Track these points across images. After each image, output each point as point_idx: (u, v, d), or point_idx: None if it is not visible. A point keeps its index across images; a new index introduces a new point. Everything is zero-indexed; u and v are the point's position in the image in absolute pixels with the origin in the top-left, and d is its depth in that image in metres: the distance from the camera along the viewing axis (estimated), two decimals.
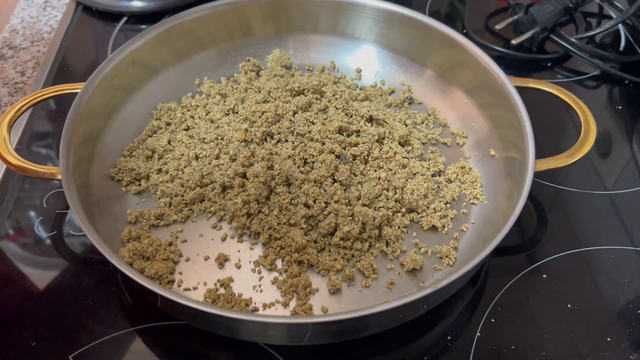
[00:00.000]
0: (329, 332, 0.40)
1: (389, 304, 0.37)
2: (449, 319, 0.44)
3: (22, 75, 0.63)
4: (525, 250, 0.48)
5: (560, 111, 0.58)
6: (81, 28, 0.69)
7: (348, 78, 0.59)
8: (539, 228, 0.50)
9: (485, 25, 0.69)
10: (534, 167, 0.44)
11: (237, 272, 0.44)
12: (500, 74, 0.50)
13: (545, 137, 0.49)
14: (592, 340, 0.43)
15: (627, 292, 0.46)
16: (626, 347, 0.42)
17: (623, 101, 0.61)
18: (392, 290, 0.44)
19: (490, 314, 0.44)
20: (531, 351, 0.42)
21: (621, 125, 0.59)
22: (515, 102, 0.48)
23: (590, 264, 0.47)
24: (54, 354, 0.41)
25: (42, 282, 0.45)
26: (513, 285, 0.46)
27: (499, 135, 0.51)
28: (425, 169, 0.50)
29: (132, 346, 0.42)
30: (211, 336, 0.41)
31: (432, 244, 0.46)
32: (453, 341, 0.42)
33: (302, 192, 0.46)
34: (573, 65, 0.64)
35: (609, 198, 0.52)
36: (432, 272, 0.45)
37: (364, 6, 0.57)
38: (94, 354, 0.41)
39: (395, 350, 0.42)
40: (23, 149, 0.55)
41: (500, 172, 0.50)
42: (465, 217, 0.48)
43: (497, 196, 0.48)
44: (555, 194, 0.52)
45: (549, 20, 0.63)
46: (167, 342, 0.42)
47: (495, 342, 0.42)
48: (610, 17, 0.68)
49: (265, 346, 0.42)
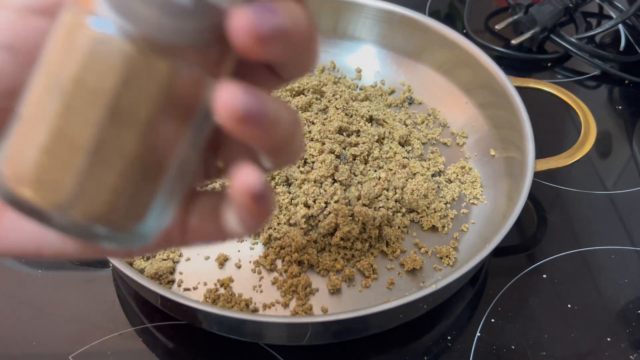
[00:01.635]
0: (329, 332, 0.40)
1: (388, 304, 0.37)
2: (449, 319, 0.44)
3: None
4: (525, 250, 0.48)
5: (560, 111, 0.58)
6: None
7: (348, 78, 0.59)
8: (538, 228, 0.50)
9: (485, 25, 0.69)
10: (534, 167, 0.44)
11: (237, 272, 0.44)
12: (500, 74, 0.50)
13: (545, 137, 0.49)
14: (592, 340, 0.43)
15: (627, 292, 0.46)
16: (626, 347, 0.42)
17: (623, 101, 0.61)
18: (392, 290, 0.44)
19: (490, 314, 0.44)
20: (531, 351, 0.42)
21: (621, 125, 0.59)
22: (515, 102, 0.48)
23: (590, 264, 0.47)
24: (53, 354, 0.41)
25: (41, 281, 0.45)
26: (513, 285, 0.46)
27: (499, 135, 0.51)
28: (425, 169, 0.50)
29: (132, 346, 0.42)
30: (211, 336, 0.41)
31: (432, 244, 0.46)
32: (453, 341, 0.42)
33: (302, 192, 0.46)
34: (573, 65, 0.64)
35: (609, 198, 0.52)
36: (432, 272, 0.45)
37: (364, 6, 0.57)
38: (94, 354, 0.41)
39: (395, 350, 0.42)
40: None
41: (500, 172, 0.50)
42: (465, 217, 0.48)
43: (497, 196, 0.48)
44: (555, 194, 0.52)
45: (549, 20, 0.63)
46: (167, 342, 0.42)
47: (495, 342, 0.42)
48: (610, 17, 0.68)
49: (265, 346, 0.42)
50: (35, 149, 0.18)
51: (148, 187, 0.19)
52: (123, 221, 0.19)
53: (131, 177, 0.18)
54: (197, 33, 0.18)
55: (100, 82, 0.17)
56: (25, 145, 0.18)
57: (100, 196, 0.18)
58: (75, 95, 0.17)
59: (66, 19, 0.18)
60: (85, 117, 0.17)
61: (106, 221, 0.18)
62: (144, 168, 0.18)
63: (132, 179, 0.18)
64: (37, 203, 0.18)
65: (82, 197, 0.18)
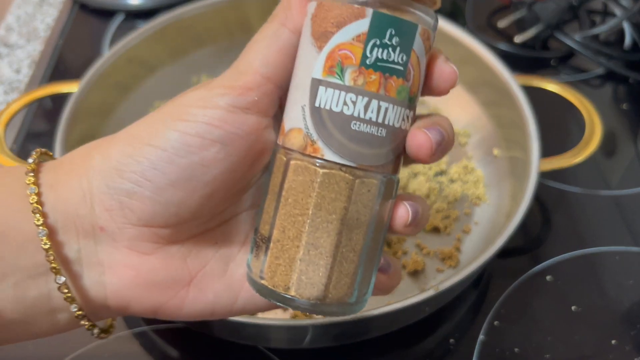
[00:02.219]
0: (329, 335, 0.40)
1: (390, 307, 0.37)
2: (451, 322, 0.43)
3: (18, 74, 0.63)
4: (528, 251, 0.48)
5: (564, 110, 0.58)
6: (77, 26, 0.68)
7: None
8: (542, 229, 0.49)
9: (488, 22, 0.68)
10: (538, 167, 0.44)
11: None
12: (503, 72, 0.50)
13: (549, 136, 0.49)
14: (597, 342, 0.42)
15: (632, 294, 0.45)
16: (631, 349, 0.42)
17: (628, 100, 0.61)
18: (393, 292, 0.43)
19: (493, 317, 0.43)
20: (535, 354, 0.41)
21: (626, 124, 0.58)
22: (519, 100, 0.48)
23: (594, 266, 0.47)
24: (49, 356, 0.41)
25: None
26: (516, 287, 0.45)
27: (503, 134, 0.51)
28: (428, 168, 0.50)
29: (129, 349, 0.42)
30: (210, 339, 0.41)
31: (435, 245, 0.46)
32: (456, 344, 0.42)
33: None
34: (577, 64, 0.64)
35: (613, 198, 0.52)
36: (435, 274, 0.44)
37: None
38: (90, 357, 0.41)
39: (397, 353, 0.42)
40: (18, 148, 0.55)
41: (503, 171, 0.49)
42: (468, 218, 0.48)
43: (500, 196, 0.48)
44: (559, 194, 0.52)
45: (552, 17, 0.63)
46: (164, 346, 0.42)
47: (499, 345, 0.42)
48: (614, 14, 0.67)
49: (265, 349, 0.41)
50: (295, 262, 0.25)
51: (370, 270, 0.26)
52: (358, 298, 0.26)
53: (361, 265, 0.26)
54: (389, 153, 0.25)
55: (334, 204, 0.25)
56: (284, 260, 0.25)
57: (345, 284, 0.25)
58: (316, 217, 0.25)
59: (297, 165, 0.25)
60: (327, 231, 0.25)
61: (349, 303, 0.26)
62: (367, 258, 0.26)
63: (361, 266, 0.26)
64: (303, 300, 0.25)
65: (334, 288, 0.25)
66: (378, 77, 0.24)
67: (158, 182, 0.25)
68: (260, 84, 0.25)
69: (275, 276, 0.25)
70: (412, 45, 0.24)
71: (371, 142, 0.24)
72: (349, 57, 0.24)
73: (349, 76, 0.24)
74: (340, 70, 0.24)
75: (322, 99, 0.24)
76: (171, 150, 0.25)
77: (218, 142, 0.25)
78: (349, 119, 0.24)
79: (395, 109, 0.24)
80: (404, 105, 0.25)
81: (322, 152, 0.24)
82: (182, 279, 0.27)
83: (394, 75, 0.24)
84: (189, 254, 0.27)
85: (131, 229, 0.26)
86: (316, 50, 0.24)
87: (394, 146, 0.25)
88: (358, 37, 0.24)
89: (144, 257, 0.26)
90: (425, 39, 0.25)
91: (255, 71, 0.25)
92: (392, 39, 0.24)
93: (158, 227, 0.26)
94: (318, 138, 0.24)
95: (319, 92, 0.24)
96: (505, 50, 0.64)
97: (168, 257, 0.27)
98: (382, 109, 0.24)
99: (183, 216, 0.26)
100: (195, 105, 0.25)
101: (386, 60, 0.24)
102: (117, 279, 0.26)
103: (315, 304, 0.25)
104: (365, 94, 0.24)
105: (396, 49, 0.24)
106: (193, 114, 0.25)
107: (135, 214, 0.25)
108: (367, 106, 0.24)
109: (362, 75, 0.24)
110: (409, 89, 0.25)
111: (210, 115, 0.25)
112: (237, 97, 0.25)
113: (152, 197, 0.25)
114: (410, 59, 0.24)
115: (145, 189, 0.25)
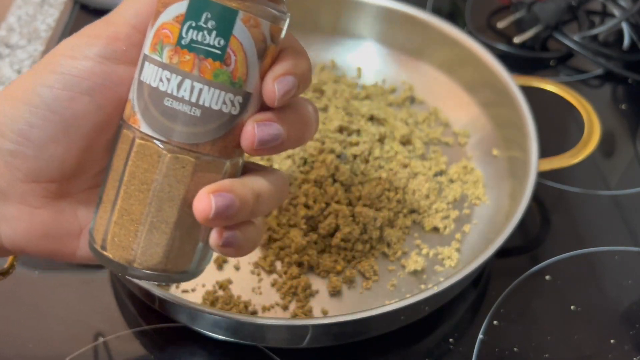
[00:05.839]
0: (329, 334, 0.40)
1: (390, 306, 0.37)
2: (451, 321, 0.43)
3: (19, 74, 0.63)
4: (528, 251, 0.48)
5: (563, 110, 0.58)
6: (78, 26, 0.67)
7: (348, 77, 0.58)
8: (542, 229, 0.49)
9: (488, 23, 0.69)
10: (537, 167, 0.44)
11: (236, 274, 0.44)
12: (503, 73, 0.50)
13: (548, 136, 0.49)
14: (596, 342, 0.43)
15: (631, 294, 0.45)
16: (630, 349, 0.42)
17: (627, 100, 0.61)
18: (393, 292, 0.43)
19: (492, 316, 0.43)
20: (534, 353, 0.42)
21: (625, 125, 0.58)
22: (518, 100, 0.48)
23: (593, 265, 0.47)
24: (50, 356, 0.41)
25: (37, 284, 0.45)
26: (515, 286, 0.45)
27: (502, 134, 0.51)
28: (427, 168, 0.50)
29: (129, 348, 0.42)
30: (210, 339, 0.41)
31: (434, 245, 0.46)
32: (455, 344, 0.42)
33: (302, 193, 0.46)
34: (576, 64, 0.64)
35: (612, 198, 0.52)
36: (434, 274, 0.45)
37: (364, 4, 0.56)
38: (91, 356, 0.41)
39: (397, 352, 0.42)
40: None
41: (503, 172, 0.49)
42: (468, 218, 0.48)
43: (499, 196, 0.48)
44: (558, 194, 0.52)
45: (551, 18, 0.63)
46: (165, 345, 0.42)
47: (498, 345, 0.42)
48: (613, 15, 0.67)
49: (265, 349, 0.41)
50: (110, 223, 0.27)
51: (189, 242, 0.27)
52: (175, 268, 0.27)
53: (175, 237, 0.27)
54: (208, 133, 0.26)
55: (146, 175, 0.26)
56: (104, 220, 0.27)
57: (155, 253, 0.27)
58: (130, 184, 0.26)
59: (124, 133, 0.27)
60: (139, 199, 0.26)
61: (162, 270, 0.27)
62: (183, 230, 0.27)
63: (175, 238, 0.27)
64: (115, 260, 0.27)
65: (143, 255, 0.27)
66: (192, 57, 0.25)
67: (37, 139, 0.26)
68: (130, 34, 0.26)
69: (98, 235, 0.28)
70: (231, 31, 0.25)
71: (184, 120, 0.25)
72: (168, 36, 0.25)
73: (166, 54, 0.25)
74: (160, 48, 0.25)
75: (145, 73, 0.26)
76: (44, 107, 0.26)
77: (86, 94, 0.26)
78: (162, 94, 0.25)
79: (212, 91, 0.25)
80: (225, 89, 0.25)
81: (139, 124, 0.26)
82: (73, 229, 0.29)
83: (209, 58, 0.25)
84: (79, 206, 0.29)
85: (20, 185, 0.27)
86: (150, 27, 0.26)
87: (214, 127, 0.25)
88: (177, 17, 0.25)
89: (35, 210, 0.28)
90: (251, 26, 0.25)
91: (126, 22, 0.26)
92: (208, 22, 0.24)
93: (46, 182, 0.27)
94: (138, 110, 0.26)
95: (144, 67, 0.26)
96: (504, 51, 0.64)
97: (59, 211, 0.29)
98: (195, 89, 0.25)
99: (67, 170, 0.27)
100: (65, 54, 0.26)
101: (201, 42, 0.25)
102: (11, 231, 0.28)
103: (124, 266, 0.27)
104: (179, 73, 0.25)
105: (212, 32, 0.25)
106: (61, 65, 0.26)
107: (21, 172, 0.27)
108: (180, 84, 0.25)
109: (177, 54, 0.25)
110: (229, 73, 0.25)
111: (78, 67, 0.26)
112: (105, 47, 0.26)
113: (34, 154, 0.26)
114: (229, 43, 0.25)
115: (26, 148, 0.26)
